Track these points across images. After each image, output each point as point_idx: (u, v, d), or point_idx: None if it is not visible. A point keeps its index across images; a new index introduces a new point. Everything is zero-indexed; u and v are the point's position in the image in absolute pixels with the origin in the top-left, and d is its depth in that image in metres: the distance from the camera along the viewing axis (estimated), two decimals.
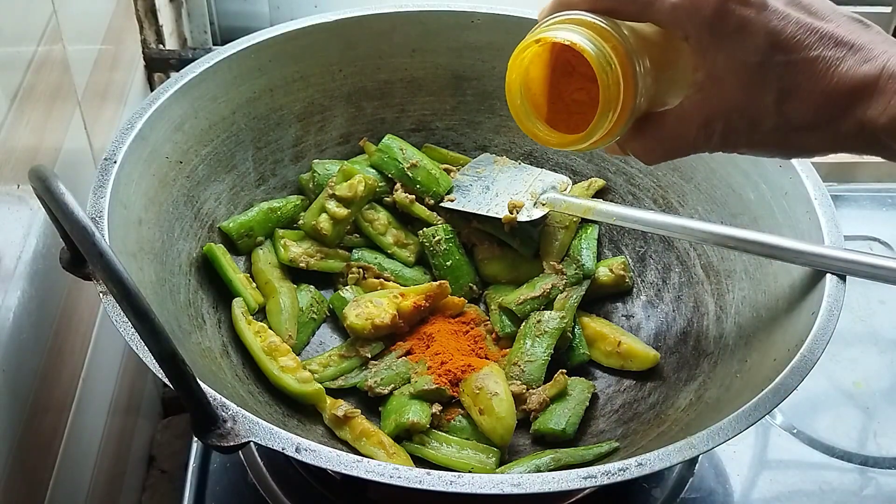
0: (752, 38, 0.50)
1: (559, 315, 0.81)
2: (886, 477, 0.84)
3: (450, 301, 0.84)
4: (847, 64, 0.50)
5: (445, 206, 0.89)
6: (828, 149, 0.54)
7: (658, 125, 0.55)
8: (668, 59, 0.55)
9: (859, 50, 0.50)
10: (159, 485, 1.02)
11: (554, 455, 0.72)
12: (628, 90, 0.53)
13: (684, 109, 0.54)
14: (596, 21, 0.53)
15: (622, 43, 0.53)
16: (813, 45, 0.50)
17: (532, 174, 0.90)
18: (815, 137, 0.52)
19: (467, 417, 0.76)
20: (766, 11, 0.50)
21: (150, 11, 1.05)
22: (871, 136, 0.51)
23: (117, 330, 0.58)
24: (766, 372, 0.64)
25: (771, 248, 0.70)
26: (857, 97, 0.50)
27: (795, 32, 0.50)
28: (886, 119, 0.49)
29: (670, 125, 0.55)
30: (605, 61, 0.52)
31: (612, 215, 0.80)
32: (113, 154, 0.70)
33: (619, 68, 0.52)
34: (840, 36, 0.51)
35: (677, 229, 0.76)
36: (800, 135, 0.52)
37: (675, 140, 0.55)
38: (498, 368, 0.78)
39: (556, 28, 0.54)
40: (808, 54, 0.50)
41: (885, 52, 0.50)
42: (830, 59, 0.50)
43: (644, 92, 0.54)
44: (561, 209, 0.85)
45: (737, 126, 0.53)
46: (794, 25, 0.50)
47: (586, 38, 0.52)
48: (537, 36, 0.55)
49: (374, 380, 0.78)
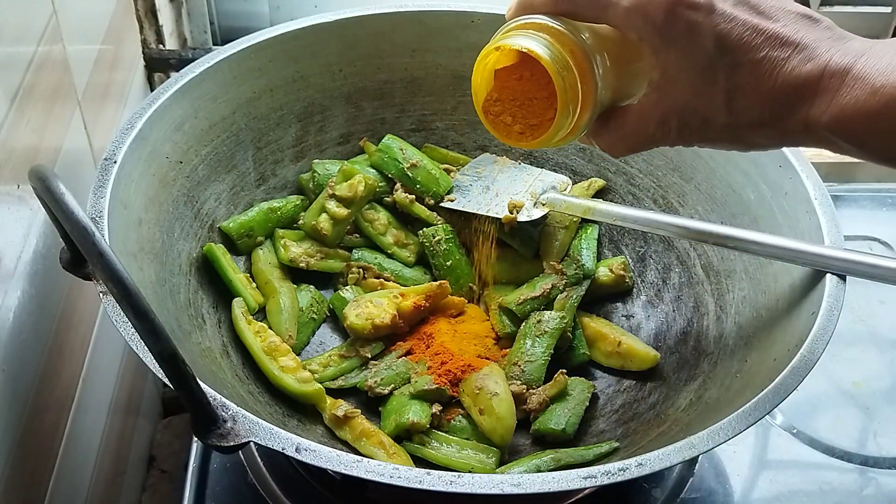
0: (700, 40, 0.52)
1: (559, 315, 0.81)
2: (886, 477, 0.84)
3: (450, 301, 0.84)
4: (791, 64, 0.51)
5: (445, 206, 0.89)
6: (779, 144, 0.56)
7: (620, 121, 0.58)
8: (628, 57, 0.56)
9: (804, 49, 0.52)
10: (159, 485, 1.02)
11: (554, 455, 0.72)
12: (587, 91, 0.55)
13: (643, 107, 0.56)
14: (554, 25, 0.55)
15: (580, 46, 0.54)
16: (759, 46, 0.52)
17: (532, 174, 0.90)
18: (765, 134, 0.54)
19: (467, 417, 0.76)
20: (714, 14, 0.52)
21: (150, 11, 1.05)
22: (817, 134, 0.52)
23: (117, 330, 0.58)
24: (766, 372, 0.64)
25: (771, 248, 0.70)
26: (801, 96, 0.52)
27: (742, 34, 0.52)
28: (828, 118, 0.51)
29: (631, 121, 0.57)
30: (561, 66, 0.54)
31: (612, 215, 0.80)
32: (113, 154, 0.70)
33: (577, 70, 0.54)
34: (786, 36, 0.52)
35: (677, 229, 0.76)
36: (750, 131, 0.54)
37: (636, 136, 0.57)
38: (498, 368, 0.78)
39: (514, 34, 0.56)
40: (753, 56, 0.52)
41: (829, 49, 0.52)
42: (775, 59, 0.52)
43: (605, 90, 0.56)
44: (561, 209, 0.85)
45: (690, 123, 0.55)
46: (740, 27, 0.52)
47: (543, 43, 0.54)
48: (497, 43, 0.57)
49: (374, 380, 0.78)
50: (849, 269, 0.67)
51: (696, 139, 0.56)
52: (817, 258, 0.68)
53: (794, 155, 0.76)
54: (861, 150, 0.52)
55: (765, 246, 0.70)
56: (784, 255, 0.70)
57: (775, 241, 0.70)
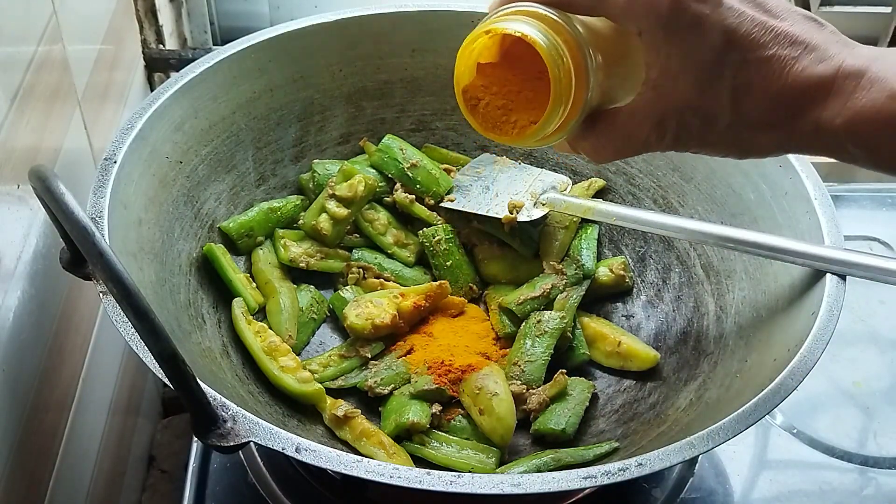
0: (707, 35, 0.50)
1: (559, 315, 0.81)
2: (886, 477, 0.83)
3: (450, 301, 0.84)
4: (802, 63, 0.50)
5: (445, 206, 0.89)
6: (782, 149, 0.54)
7: (609, 123, 0.54)
8: (620, 56, 0.54)
9: (814, 49, 0.50)
10: (159, 485, 1.02)
11: (554, 455, 0.72)
12: (580, 84, 0.52)
13: (636, 107, 0.53)
14: (548, 13, 0.52)
15: (574, 36, 0.51)
16: (768, 43, 0.50)
17: (532, 174, 0.90)
18: (770, 137, 0.52)
19: (467, 417, 0.76)
20: (722, 8, 0.50)
21: (150, 11, 1.05)
22: (827, 137, 0.50)
23: (117, 330, 0.58)
24: (766, 372, 0.64)
25: (771, 249, 0.70)
26: (813, 97, 0.50)
27: (751, 30, 0.50)
28: (842, 120, 0.49)
29: (622, 123, 0.54)
30: (557, 54, 0.51)
31: (612, 215, 0.80)
32: (113, 154, 0.70)
33: (571, 62, 0.51)
34: (795, 35, 0.50)
35: (677, 229, 0.76)
36: (754, 133, 0.52)
37: (626, 139, 0.54)
38: (498, 368, 0.78)
39: (507, 19, 0.52)
40: (763, 53, 0.50)
41: (840, 52, 0.50)
42: (786, 57, 0.50)
43: (595, 87, 0.53)
44: (561, 209, 0.85)
45: (690, 124, 0.52)
46: (749, 23, 0.50)
47: (538, 30, 0.51)
48: (487, 27, 0.53)
49: (374, 380, 0.78)
50: (849, 269, 0.67)
51: (695, 143, 0.54)
52: (817, 259, 0.68)
53: (794, 155, 0.76)
54: (873, 155, 0.51)
55: (765, 247, 0.70)
56: (784, 256, 0.70)
57: (775, 241, 0.70)
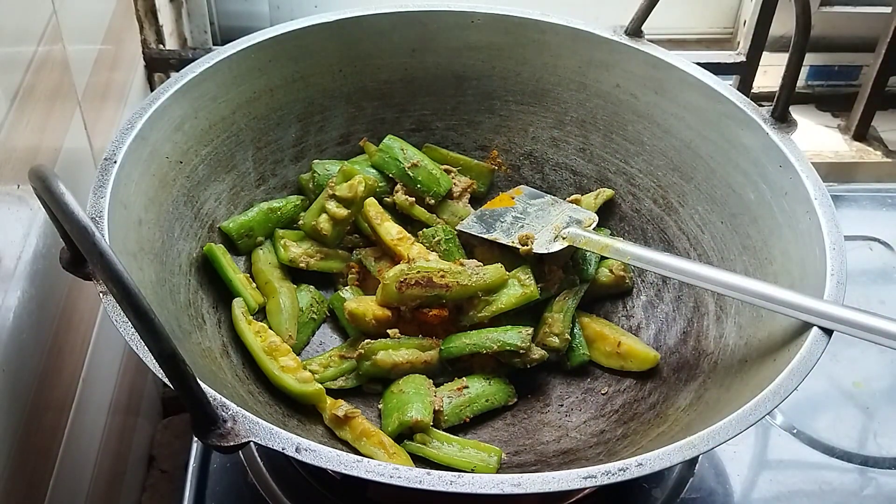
0: None
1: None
2: (886, 477, 0.84)
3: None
4: None
5: (462, 229, 0.88)
6: None
7: None
8: None
9: None
10: (159, 485, 1.02)
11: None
12: None
13: None
14: None
15: None
16: None
17: (562, 209, 0.90)
18: None
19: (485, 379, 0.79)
20: None
21: (150, 11, 1.05)
22: None
23: (117, 330, 0.58)
24: (766, 372, 0.64)
25: (784, 304, 0.67)
26: None
27: None
28: None
29: None
30: None
31: (628, 254, 0.78)
32: (113, 154, 0.70)
33: None
34: None
35: (692, 275, 0.74)
36: None
37: None
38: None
39: None
40: None
41: None
42: None
43: None
44: (580, 244, 0.84)
45: None
46: None
47: None
48: None
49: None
50: (850, 329, 0.64)
51: None
52: (816, 314, 0.65)
53: (794, 155, 0.76)
54: None
55: (780, 301, 0.67)
56: (788, 310, 0.67)
57: (791, 297, 0.67)
